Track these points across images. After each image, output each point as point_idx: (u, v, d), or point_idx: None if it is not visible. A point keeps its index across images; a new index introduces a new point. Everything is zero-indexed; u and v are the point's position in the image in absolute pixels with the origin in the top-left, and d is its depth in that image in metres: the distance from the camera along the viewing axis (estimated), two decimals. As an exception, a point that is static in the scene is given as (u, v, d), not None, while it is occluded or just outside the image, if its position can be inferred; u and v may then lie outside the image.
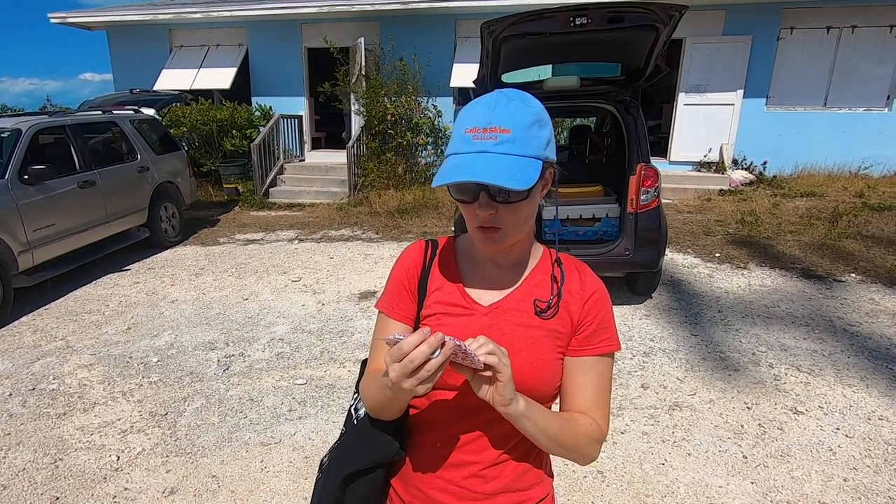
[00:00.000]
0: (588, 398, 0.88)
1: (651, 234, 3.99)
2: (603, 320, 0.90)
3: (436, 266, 0.96)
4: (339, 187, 8.83)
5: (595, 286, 0.92)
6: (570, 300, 0.90)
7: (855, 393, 3.02)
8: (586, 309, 0.89)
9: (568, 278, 0.92)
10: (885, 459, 2.48)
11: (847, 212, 6.71)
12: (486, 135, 0.78)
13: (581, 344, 0.89)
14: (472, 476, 0.90)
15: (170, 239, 6.41)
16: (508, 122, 0.78)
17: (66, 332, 4.06)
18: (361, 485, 0.93)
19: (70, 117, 5.44)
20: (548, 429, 0.81)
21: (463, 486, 0.90)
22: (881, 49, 8.64)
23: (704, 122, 9.17)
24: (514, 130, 0.77)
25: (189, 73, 10.26)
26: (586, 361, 0.89)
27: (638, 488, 2.35)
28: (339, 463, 0.95)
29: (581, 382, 0.89)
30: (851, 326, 3.85)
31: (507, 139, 0.77)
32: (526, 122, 0.78)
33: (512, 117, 0.78)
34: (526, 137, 0.78)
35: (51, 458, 2.64)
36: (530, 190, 0.79)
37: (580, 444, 0.85)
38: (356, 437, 0.95)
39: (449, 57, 9.52)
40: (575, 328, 0.90)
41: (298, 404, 3.06)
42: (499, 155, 0.77)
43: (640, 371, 3.32)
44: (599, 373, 0.89)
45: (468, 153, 0.79)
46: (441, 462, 0.91)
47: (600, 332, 0.89)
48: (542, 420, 0.81)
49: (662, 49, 3.65)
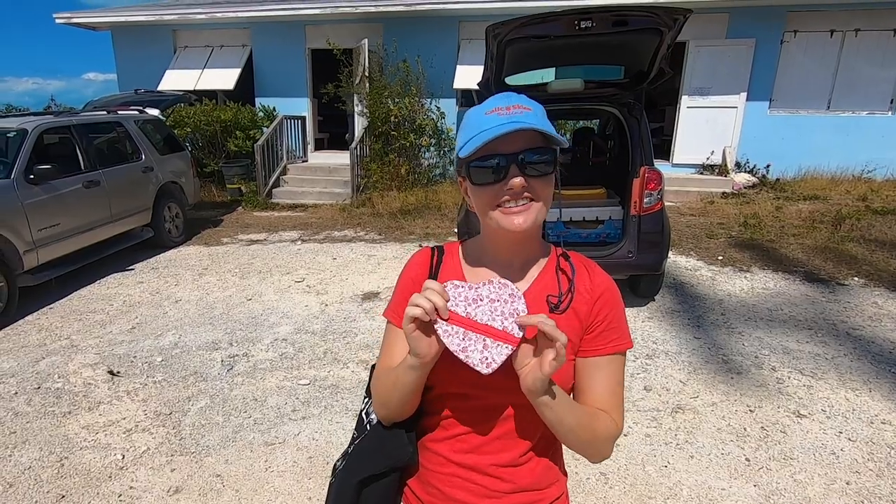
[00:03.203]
0: (602, 397, 0.88)
1: (654, 237, 3.99)
2: (613, 319, 0.89)
3: (443, 273, 0.96)
4: (342, 188, 8.85)
5: (605, 285, 0.91)
6: (578, 299, 0.89)
7: (858, 397, 3.03)
8: (597, 308, 0.89)
9: (577, 276, 0.91)
10: (888, 463, 2.49)
11: (850, 215, 6.71)
12: (512, 111, 0.82)
13: (592, 344, 0.89)
14: (491, 475, 0.90)
15: (173, 239, 6.44)
16: (529, 103, 0.85)
17: (71, 332, 4.08)
18: (375, 489, 0.94)
19: (75, 117, 5.47)
20: (567, 419, 0.80)
21: (482, 485, 0.90)
22: (885, 53, 8.63)
23: (707, 125, 9.17)
24: (535, 110, 0.84)
25: (193, 74, 10.30)
26: (599, 361, 0.88)
27: (641, 490, 2.36)
28: (354, 468, 0.96)
29: (594, 382, 0.89)
30: (854, 330, 3.85)
31: (531, 115, 0.83)
32: (541, 109, 0.85)
33: (530, 102, 0.85)
34: (545, 120, 0.84)
35: (56, 457, 2.66)
36: (553, 168, 0.84)
37: (597, 439, 0.85)
38: (370, 442, 0.96)
39: (452, 59, 9.54)
40: (585, 328, 0.89)
41: (302, 404, 3.08)
42: (523, 123, 0.80)
43: (643, 373, 3.33)
44: (612, 371, 0.89)
45: (497, 126, 0.80)
46: (460, 461, 0.91)
47: (611, 330, 0.89)
48: (565, 410, 0.80)
49: (666, 52, 3.66)
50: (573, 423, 0.81)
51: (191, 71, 10.34)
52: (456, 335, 0.77)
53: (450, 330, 0.77)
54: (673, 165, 9.30)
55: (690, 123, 9.26)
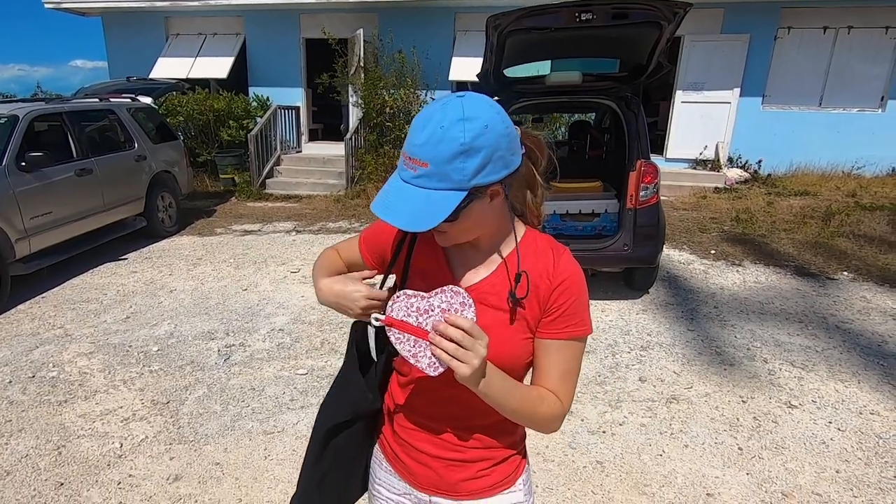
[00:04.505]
0: (553, 378, 0.92)
1: (650, 230, 4.03)
2: (570, 307, 0.91)
3: (420, 246, 1.01)
4: (336, 179, 8.81)
5: (567, 273, 0.92)
6: (539, 284, 0.91)
7: (847, 388, 3.09)
8: (555, 295, 0.91)
9: (542, 259, 0.93)
10: (876, 452, 2.55)
11: (840, 211, 6.80)
12: (410, 164, 0.81)
13: (548, 327, 0.92)
14: (452, 430, 1.00)
15: (167, 229, 6.39)
16: (429, 154, 0.78)
17: (65, 321, 4.05)
18: (342, 438, 1.06)
19: (67, 104, 5.39)
20: (508, 403, 0.87)
21: (444, 440, 1.01)
22: (876, 50, 8.72)
23: (701, 120, 9.22)
24: (433, 165, 0.78)
25: (186, 62, 10.17)
26: (552, 344, 0.92)
27: (636, 478, 2.40)
28: (322, 417, 1.08)
29: (547, 364, 0.93)
30: (844, 323, 3.92)
31: (424, 173, 0.79)
32: (447, 156, 0.77)
33: (433, 150, 0.77)
34: (445, 172, 0.78)
35: (53, 445, 2.65)
36: (459, 211, 0.81)
37: (537, 419, 0.92)
38: (335, 391, 1.09)
39: (448, 50, 9.50)
40: (543, 310, 0.92)
41: (300, 394, 3.09)
42: (414, 188, 0.80)
43: (638, 365, 3.37)
44: (565, 356, 0.92)
45: (395, 184, 0.84)
46: (426, 419, 1.02)
47: (567, 317, 0.91)
48: (504, 396, 0.86)
49: (665, 46, 3.68)
50: (514, 406, 0.88)
51: (183, 59, 10.21)
52: (407, 342, 0.85)
53: (402, 337, 0.86)
54: (667, 160, 9.35)
55: (684, 118, 9.30)
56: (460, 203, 0.80)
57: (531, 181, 0.95)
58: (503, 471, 1.03)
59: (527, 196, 0.96)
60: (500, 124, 0.80)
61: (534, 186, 0.96)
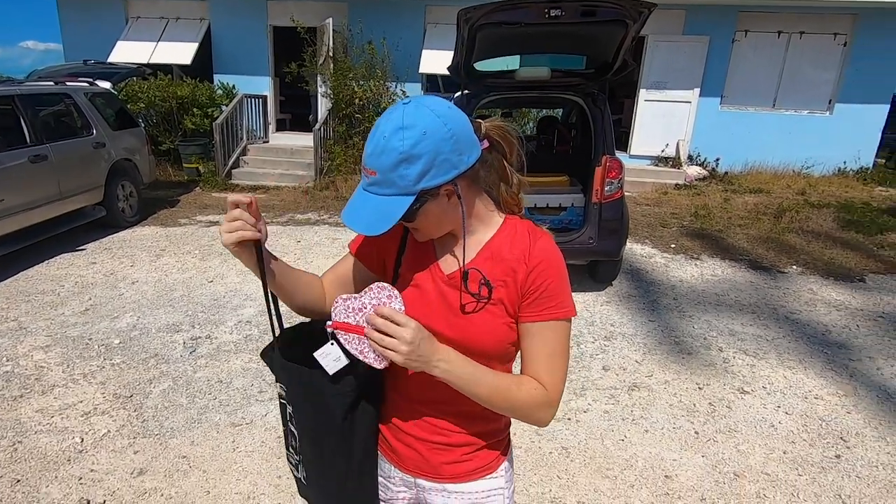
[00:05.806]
0: (536, 362, 0.94)
1: (614, 224, 4.15)
2: (548, 289, 0.92)
3: (411, 240, 1.03)
4: (304, 170, 8.69)
5: (542, 256, 0.93)
6: (516, 267, 0.93)
7: (794, 374, 3.28)
8: (532, 277, 0.92)
9: (519, 246, 0.95)
10: (819, 434, 2.73)
11: (790, 208, 7.15)
12: (365, 172, 0.87)
13: (528, 310, 0.93)
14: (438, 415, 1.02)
15: (127, 219, 6.18)
16: (375, 164, 0.84)
17: (19, 313, 3.89)
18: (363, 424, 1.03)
19: (20, 87, 5.14)
20: (477, 391, 0.90)
21: (429, 423, 1.03)
22: (826, 55, 9.16)
23: (663, 119, 9.50)
24: (380, 173, 0.84)
25: (147, 47, 9.80)
26: (533, 327, 0.93)
27: (600, 462, 2.50)
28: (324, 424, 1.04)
29: (531, 347, 0.94)
30: (792, 314, 4.15)
31: (374, 181, 0.86)
32: (389, 164, 0.82)
33: (378, 160, 0.83)
34: (391, 179, 0.83)
35: (9, 441, 2.56)
36: (414, 213, 0.87)
37: (517, 407, 0.94)
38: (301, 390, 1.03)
39: (418, 43, 9.47)
40: (522, 294, 0.93)
41: (269, 385, 3.07)
42: (369, 195, 0.87)
43: (602, 354, 3.49)
44: (547, 339, 0.93)
45: (358, 191, 0.90)
46: (413, 402, 1.03)
47: (546, 299, 0.92)
48: (468, 383, 0.89)
49: (630, 44, 3.79)
50: (485, 393, 0.90)
51: (144, 43, 9.83)
52: (354, 340, 0.90)
53: (348, 338, 0.91)
54: (630, 157, 9.60)
55: (647, 116, 9.56)
56: (412, 206, 0.85)
57: (502, 172, 0.98)
58: (486, 456, 1.05)
59: (500, 187, 0.99)
60: (439, 130, 0.82)
61: (506, 177, 0.99)
